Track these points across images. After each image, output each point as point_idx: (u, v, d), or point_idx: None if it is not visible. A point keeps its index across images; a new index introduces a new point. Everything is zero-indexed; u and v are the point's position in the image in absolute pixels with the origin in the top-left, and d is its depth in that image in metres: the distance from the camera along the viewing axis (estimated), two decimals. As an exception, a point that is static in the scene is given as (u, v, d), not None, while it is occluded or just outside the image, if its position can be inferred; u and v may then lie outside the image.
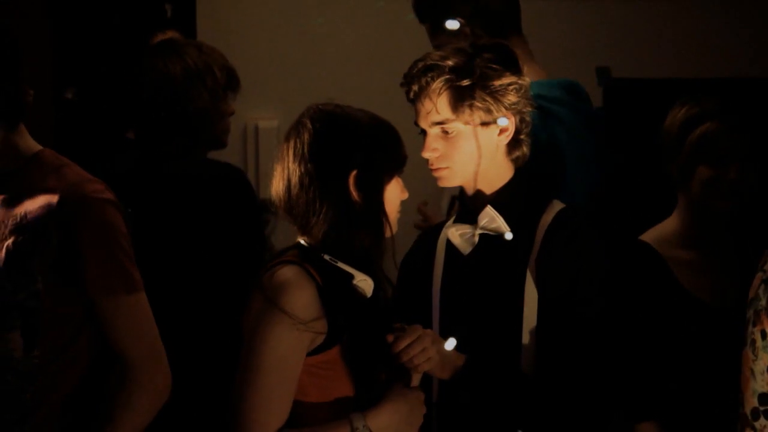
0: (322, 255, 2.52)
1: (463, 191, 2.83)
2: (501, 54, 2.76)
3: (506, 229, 2.75)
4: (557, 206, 2.79)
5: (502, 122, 2.73)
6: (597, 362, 2.69)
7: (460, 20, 3.24)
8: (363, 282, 2.54)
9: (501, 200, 2.78)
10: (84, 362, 2.55)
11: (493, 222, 2.76)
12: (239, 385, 2.46)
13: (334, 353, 2.49)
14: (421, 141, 2.78)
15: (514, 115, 2.75)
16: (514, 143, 2.78)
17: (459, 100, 2.71)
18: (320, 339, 2.48)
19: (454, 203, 3.29)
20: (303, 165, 2.52)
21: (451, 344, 2.60)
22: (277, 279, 2.47)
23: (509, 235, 2.74)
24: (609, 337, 2.71)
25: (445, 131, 2.74)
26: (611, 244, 2.80)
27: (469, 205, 2.81)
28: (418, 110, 2.76)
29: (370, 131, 2.55)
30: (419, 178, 2.83)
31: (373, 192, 2.53)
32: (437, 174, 2.77)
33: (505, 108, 2.73)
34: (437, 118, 2.73)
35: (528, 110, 2.78)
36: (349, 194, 2.51)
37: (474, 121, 2.72)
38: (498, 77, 2.72)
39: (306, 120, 2.56)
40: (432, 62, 2.73)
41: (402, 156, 2.60)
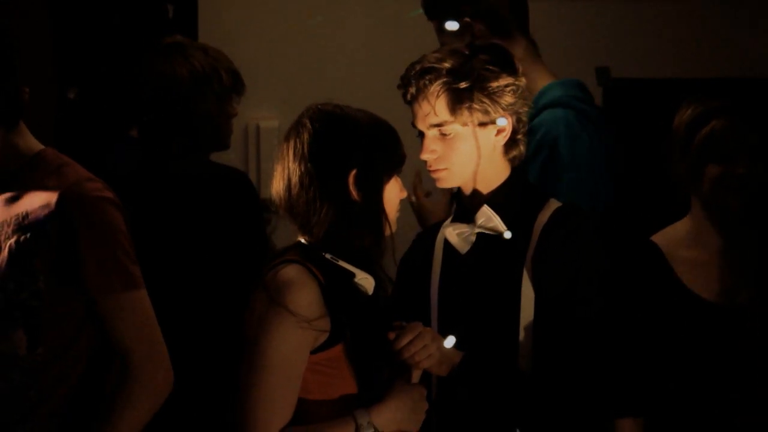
0: (323, 254, 2.54)
1: (461, 191, 2.84)
2: (497, 55, 2.77)
3: (503, 229, 2.76)
4: (553, 205, 2.79)
5: (501, 122, 2.74)
6: (593, 360, 2.69)
7: (467, 20, 3.26)
8: (364, 280, 2.55)
9: (497, 200, 2.78)
10: (86, 360, 2.55)
11: (490, 221, 2.77)
12: (244, 384, 2.47)
13: (338, 351, 2.50)
14: (420, 140, 2.79)
15: (511, 116, 2.76)
16: (511, 143, 2.79)
17: (457, 103, 2.71)
18: (323, 337, 2.49)
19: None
20: (303, 165, 2.53)
21: (450, 342, 2.61)
22: (280, 278, 2.48)
23: (508, 234, 2.75)
24: (605, 335, 2.72)
25: (443, 133, 2.74)
26: (610, 243, 2.81)
27: (467, 205, 2.82)
28: (416, 112, 2.76)
29: (369, 131, 2.56)
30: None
31: (373, 191, 2.54)
32: (435, 175, 2.78)
33: (503, 109, 2.74)
34: (435, 121, 2.74)
35: (525, 110, 2.79)
36: (349, 193, 2.52)
37: (472, 123, 2.73)
38: (495, 79, 2.73)
39: (305, 120, 2.57)
40: (429, 65, 2.74)
41: (401, 155, 2.61)
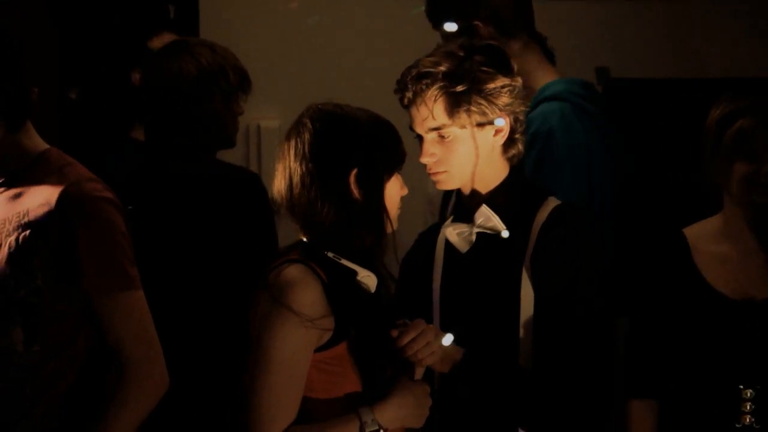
0: (325, 252, 2.55)
1: (460, 191, 2.85)
2: (492, 56, 2.78)
3: (502, 228, 2.77)
4: (552, 203, 2.80)
5: (499, 123, 2.75)
6: (591, 358, 2.71)
7: (475, 21, 3.27)
8: (367, 278, 2.56)
9: (496, 199, 2.80)
10: (83, 359, 2.57)
11: (489, 221, 2.78)
12: (248, 384, 2.48)
13: (342, 349, 2.51)
14: (419, 144, 2.80)
15: (509, 116, 2.77)
16: (510, 143, 2.80)
17: (454, 106, 2.72)
18: (327, 335, 2.50)
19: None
20: (304, 164, 2.54)
21: (448, 339, 2.62)
22: (284, 278, 2.49)
23: (505, 234, 2.76)
24: (604, 333, 2.73)
25: (442, 136, 2.75)
26: (610, 241, 2.82)
27: (466, 205, 2.83)
28: (413, 117, 2.77)
29: (370, 130, 2.57)
30: (419, 176, 2.85)
31: (374, 189, 2.56)
32: (436, 178, 2.79)
33: (500, 109, 2.75)
34: (433, 124, 2.75)
35: (521, 110, 2.80)
36: (350, 192, 2.54)
37: (470, 125, 2.74)
38: (491, 80, 2.74)
39: (306, 120, 2.58)
40: (425, 69, 2.74)
41: (401, 153, 2.62)
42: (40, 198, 2.56)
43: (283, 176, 2.57)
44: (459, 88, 2.72)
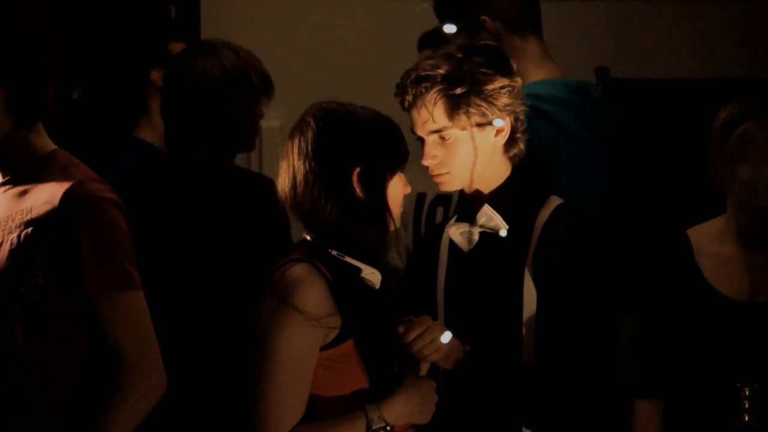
0: (329, 250, 2.56)
1: (463, 190, 2.86)
2: (491, 57, 2.79)
3: (504, 227, 2.78)
4: (554, 202, 2.81)
5: (498, 123, 2.76)
6: (592, 357, 2.71)
7: (483, 18, 3.28)
8: (371, 275, 2.57)
9: (499, 198, 2.81)
10: (83, 358, 2.57)
11: (491, 221, 2.79)
12: (255, 383, 2.49)
13: (348, 346, 2.52)
14: (420, 146, 2.80)
15: (509, 115, 2.78)
16: (511, 142, 2.81)
17: (454, 108, 2.73)
18: (333, 333, 2.50)
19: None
20: (307, 163, 2.55)
21: (447, 337, 2.62)
22: (288, 277, 2.50)
23: (503, 233, 2.77)
24: (605, 332, 2.74)
25: (443, 138, 2.76)
26: (611, 240, 2.82)
27: (469, 204, 2.84)
28: (414, 119, 2.78)
29: (372, 128, 2.58)
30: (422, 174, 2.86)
31: (377, 188, 2.56)
32: (438, 180, 2.80)
33: (499, 110, 2.76)
34: (434, 127, 2.75)
35: (522, 109, 2.80)
36: (353, 190, 2.54)
37: (470, 126, 2.75)
38: (490, 81, 2.74)
39: (309, 118, 2.58)
40: (424, 72, 2.75)
41: (404, 152, 2.62)
42: (44, 196, 2.57)
43: (287, 175, 2.58)
44: (458, 91, 2.73)
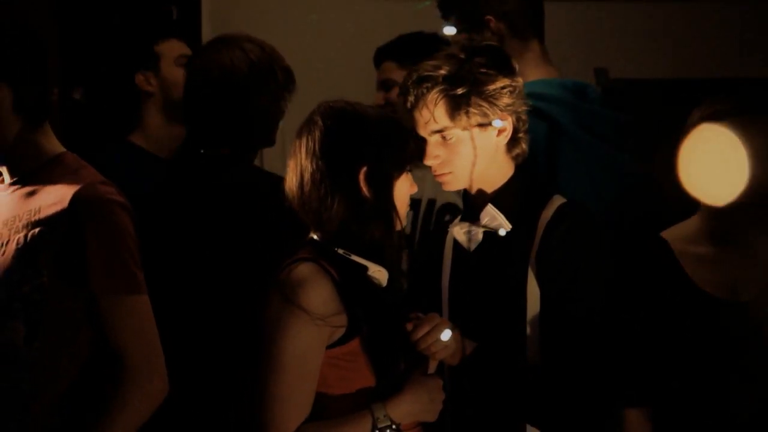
0: (336, 249, 2.57)
1: (467, 190, 2.86)
2: (493, 57, 2.80)
3: (507, 227, 2.79)
4: (558, 201, 2.82)
5: (497, 124, 2.77)
6: (596, 354, 2.72)
7: (488, 17, 3.29)
8: (377, 272, 2.58)
9: (502, 198, 2.82)
10: (84, 358, 2.59)
11: (494, 220, 2.80)
12: (261, 382, 2.50)
13: (354, 345, 2.53)
14: (423, 146, 2.80)
15: (511, 115, 2.79)
16: (513, 142, 2.82)
17: (455, 108, 2.74)
18: (340, 332, 2.52)
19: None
20: (315, 162, 2.56)
21: (447, 335, 2.63)
22: (294, 277, 2.51)
23: (503, 231, 2.78)
24: (608, 330, 2.74)
25: (444, 138, 2.77)
26: (612, 240, 2.83)
27: (473, 204, 2.85)
28: (417, 120, 2.78)
29: (380, 127, 2.60)
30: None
31: (383, 187, 2.58)
32: (441, 179, 2.81)
33: (501, 110, 2.77)
34: (435, 127, 2.76)
35: (523, 109, 2.81)
36: (360, 189, 2.56)
37: (471, 126, 2.75)
38: (491, 81, 2.75)
39: (317, 117, 2.60)
40: (425, 73, 2.76)
41: (411, 152, 2.64)
42: (53, 197, 2.59)
43: (295, 173, 2.59)
44: (459, 91, 2.74)
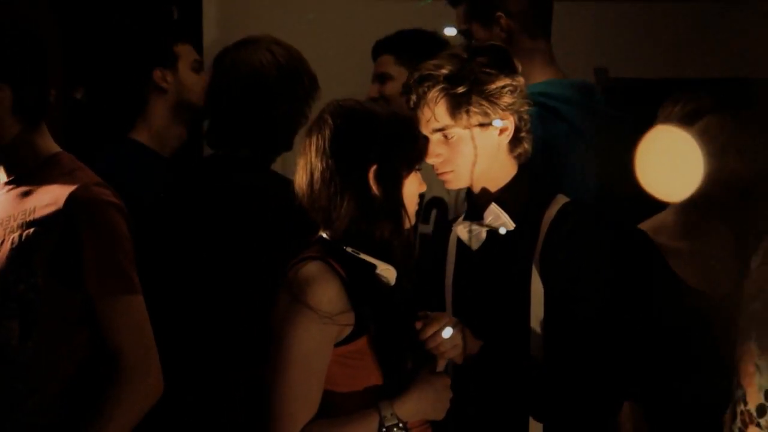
0: (345, 247, 2.58)
1: (470, 189, 2.88)
2: (495, 56, 2.81)
3: (511, 226, 2.80)
4: (561, 200, 2.84)
5: (497, 124, 2.78)
6: (600, 352, 2.73)
7: (499, 14, 3.30)
8: (386, 271, 2.60)
9: (505, 197, 2.83)
10: (78, 358, 2.61)
11: (498, 219, 2.82)
12: (269, 380, 2.52)
13: (362, 343, 2.55)
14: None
15: (512, 115, 2.80)
16: (516, 141, 2.83)
17: (456, 107, 2.76)
18: (348, 330, 2.53)
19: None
20: (324, 160, 2.57)
21: (448, 333, 2.64)
22: (302, 275, 2.53)
23: (503, 230, 2.79)
24: (611, 328, 2.75)
25: (446, 137, 2.78)
26: (614, 237, 2.84)
27: (476, 203, 2.87)
28: (419, 118, 2.80)
29: (389, 126, 2.61)
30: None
31: (392, 186, 2.60)
32: (443, 178, 2.82)
33: (502, 109, 2.78)
34: (437, 126, 2.78)
35: (525, 108, 2.83)
36: (369, 188, 2.57)
37: (473, 125, 2.77)
38: (492, 81, 2.77)
39: (327, 116, 2.61)
40: (427, 72, 2.78)
41: (420, 150, 2.66)
42: (48, 198, 2.60)
43: (304, 172, 2.60)
44: (460, 90, 2.75)
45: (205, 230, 3.03)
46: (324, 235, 2.61)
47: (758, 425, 2.56)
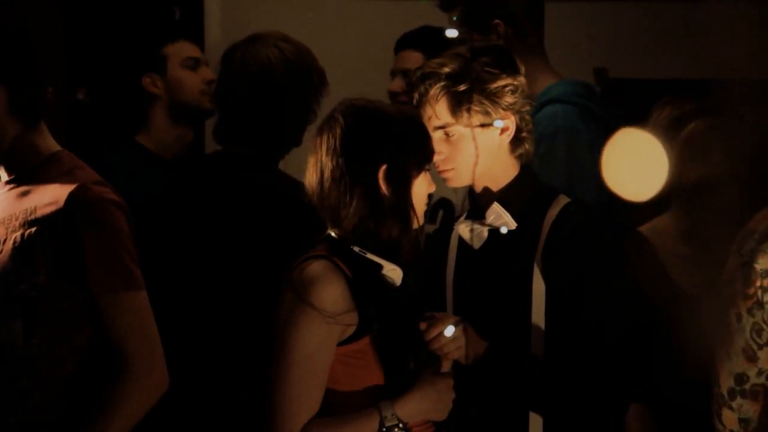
0: (352, 246, 2.58)
1: (472, 189, 2.88)
2: (497, 56, 2.82)
3: (513, 225, 2.81)
4: (563, 201, 2.84)
5: (498, 124, 2.79)
6: (602, 352, 2.72)
7: (496, 21, 3.32)
8: (392, 271, 2.59)
9: (507, 197, 2.83)
10: (82, 355, 2.61)
11: (500, 218, 2.82)
12: (272, 378, 2.52)
13: (365, 343, 2.54)
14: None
15: (514, 115, 2.80)
16: (517, 141, 2.83)
17: (457, 105, 2.76)
18: (351, 330, 2.53)
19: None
20: (335, 159, 2.57)
21: (450, 331, 2.64)
22: (307, 274, 2.53)
23: (504, 229, 2.80)
24: (613, 328, 2.75)
25: (447, 134, 2.79)
26: (615, 237, 2.85)
27: (478, 202, 2.87)
28: (422, 116, 2.80)
29: (400, 126, 2.61)
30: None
31: (402, 186, 2.59)
32: (444, 175, 2.82)
33: (503, 109, 2.78)
34: (438, 123, 2.78)
35: (527, 109, 2.83)
36: (378, 188, 2.57)
37: (473, 124, 2.77)
38: (494, 80, 2.77)
39: (338, 115, 2.61)
40: (430, 70, 2.79)
41: (430, 151, 2.66)
42: (49, 197, 2.61)
43: (315, 170, 2.60)
44: (461, 88, 2.76)
45: (211, 229, 3.02)
46: (332, 234, 2.61)
47: (730, 408, 2.60)
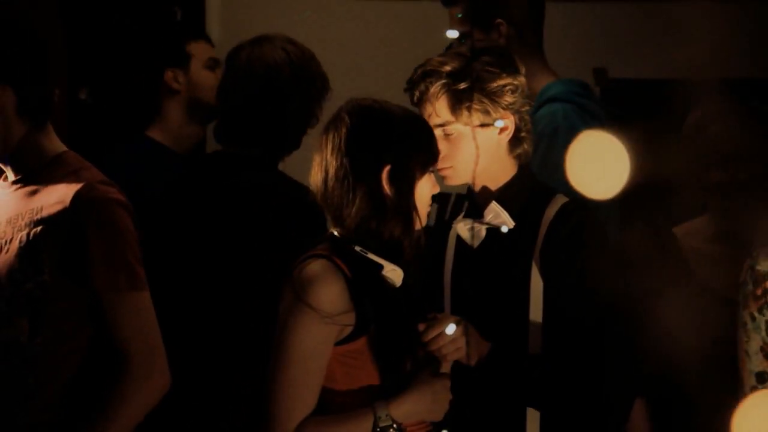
0: (353, 246, 2.58)
1: (471, 187, 2.89)
2: (498, 56, 2.83)
3: (511, 224, 2.81)
4: (561, 200, 2.84)
5: (499, 124, 2.80)
6: (600, 350, 2.73)
7: (498, 21, 3.33)
8: (392, 272, 2.60)
9: (505, 196, 2.84)
10: (86, 353, 2.62)
11: (498, 217, 2.83)
12: (269, 376, 2.53)
13: (362, 343, 2.55)
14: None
15: (513, 114, 2.81)
16: (516, 141, 2.84)
17: (457, 103, 2.77)
18: (348, 330, 2.53)
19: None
20: (339, 158, 2.58)
21: (451, 329, 2.63)
22: (306, 274, 2.53)
23: (505, 228, 2.81)
24: (610, 327, 2.75)
25: (447, 133, 2.79)
26: (615, 236, 2.86)
27: (476, 201, 2.88)
28: (421, 114, 2.81)
29: (405, 127, 2.62)
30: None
31: (405, 187, 2.60)
32: (442, 173, 2.83)
33: (503, 108, 2.79)
34: (437, 121, 2.79)
35: (526, 109, 2.84)
36: (382, 188, 2.58)
37: (473, 123, 2.78)
38: (494, 79, 2.78)
39: (344, 114, 2.62)
40: (431, 68, 2.80)
41: (434, 152, 2.66)
42: (55, 197, 2.62)
43: (320, 169, 2.61)
44: (461, 86, 2.76)
45: (212, 228, 3.03)
46: (334, 233, 2.62)
47: None
